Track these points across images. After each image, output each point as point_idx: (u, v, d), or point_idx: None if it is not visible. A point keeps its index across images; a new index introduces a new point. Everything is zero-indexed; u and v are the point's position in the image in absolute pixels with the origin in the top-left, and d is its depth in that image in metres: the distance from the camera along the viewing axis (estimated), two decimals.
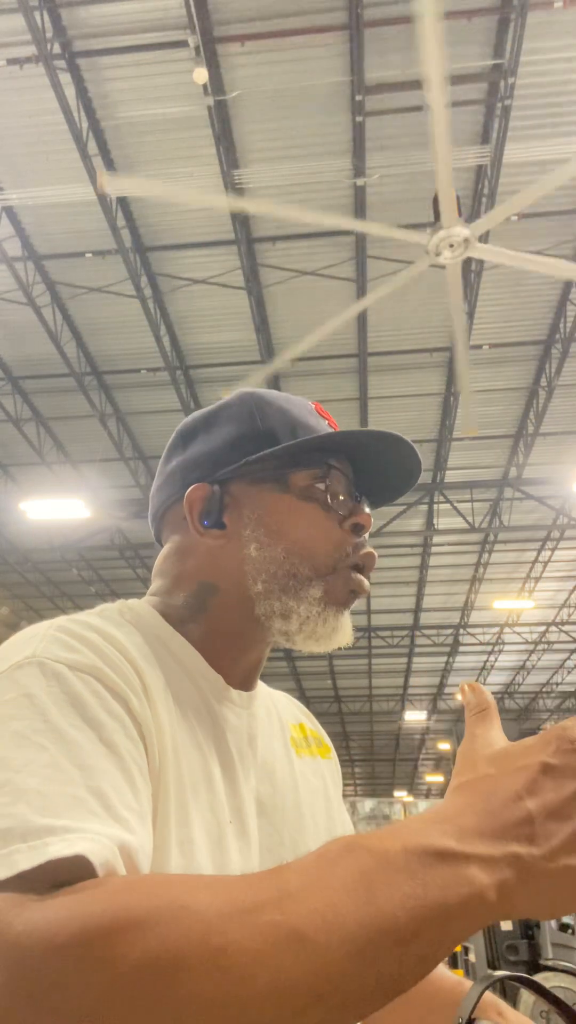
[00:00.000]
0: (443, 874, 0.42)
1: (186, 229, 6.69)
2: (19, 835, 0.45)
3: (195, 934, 0.40)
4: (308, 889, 0.42)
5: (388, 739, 22.27)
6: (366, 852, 0.43)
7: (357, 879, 0.42)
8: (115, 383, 8.60)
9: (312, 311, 7.48)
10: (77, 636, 0.62)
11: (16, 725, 0.53)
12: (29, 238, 6.79)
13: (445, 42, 5.16)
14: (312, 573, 0.73)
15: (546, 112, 5.64)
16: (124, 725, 0.58)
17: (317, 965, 0.39)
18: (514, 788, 0.45)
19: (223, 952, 0.40)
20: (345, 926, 0.40)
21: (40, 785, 0.49)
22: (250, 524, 0.75)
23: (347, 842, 0.45)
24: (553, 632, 15.17)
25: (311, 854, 0.45)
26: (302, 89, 5.50)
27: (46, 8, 5.02)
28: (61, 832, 0.46)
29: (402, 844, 0.43)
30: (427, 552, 12.12)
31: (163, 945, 0.40)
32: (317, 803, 0.81)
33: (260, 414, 0.78)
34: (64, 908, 0.42)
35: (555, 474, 9.35)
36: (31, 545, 11.54)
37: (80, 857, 0.45)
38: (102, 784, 0.51)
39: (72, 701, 0.56)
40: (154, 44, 5.22)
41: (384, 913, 0.40)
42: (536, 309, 7.52)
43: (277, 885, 0.43)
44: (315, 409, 0.82)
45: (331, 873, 0.42)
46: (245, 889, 0.43)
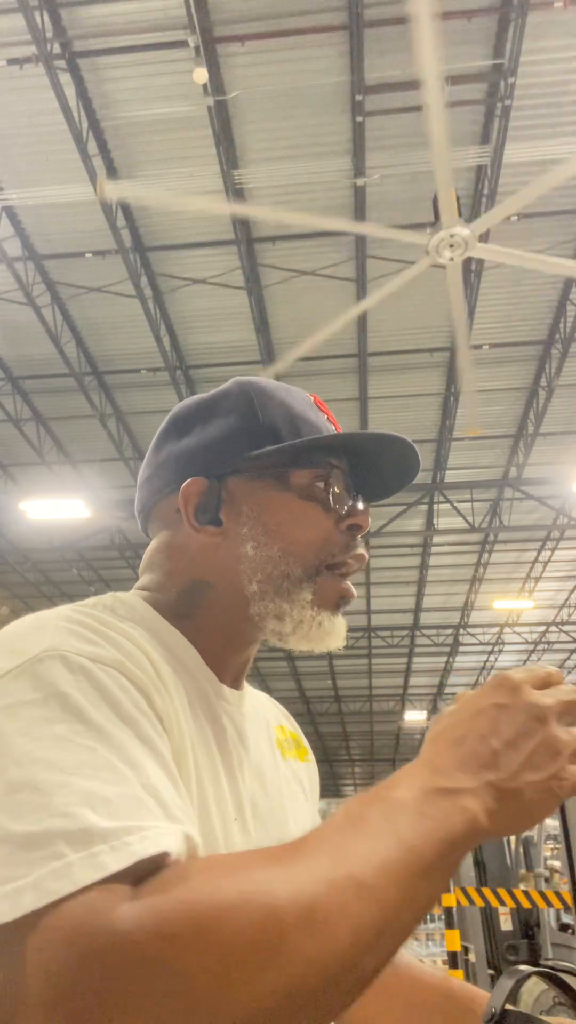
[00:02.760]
0: (445, 808, 0.50)
1: (186, 229, 6.69)
2: (98, 836, 0.45)
3: (285, 901, 0.44)
4: (354, 842, 0.48)
5: (388, 739, 22.27)
6: (385, 802, 0.50)
7: (386, 827, 0.48)
8: (115, 383, 8.60)
9: (312, 311, 7.48)
10: (92, 628, 0.61)
11: (58, 728, 0.51)
12: (29, 238, 6.79)
13: (445, 42, 5.18)
14: (303, 574, 0.72)
15: (546, 112, 5.64)
16: (151, 720, 0.57)
17: (378, 906, 0.45)
18: (478, 731, 0.54)
19: (312, 912, 0.43)
20: (391, 868, 0.46)
21: (100, 787, 0.48)
22: (248, 522, 0.73)
23: (365, 796, 0.52)
24: (553, 632, 15.17)
25: (338, 813, 0.51)
26: (302, 89, 5.50)
27: (46, 8, 5.02)
28: (137, 831, 0.46)
29: (409, 789, 0.51)
30: (427, 552, 12.12)
31: (263, 917, 0.43)
32: (299, 806, 0.81)
33: (261, 407, 0.75)
34: (166, 899, 0.43)
35: (555, 474, 9.35)
36: (31, 545, 11.53)
37: (165, 854, 0.46)
38: (153, 782, 0.51)
39: (104, 697, 0.55)
40: (154, 44, 5.22)
41: (414, 850, 0.47)
42: (536, 309, 7.52)
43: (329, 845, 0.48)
44: (314, 402, 0.80)
45: (365, 825, 0.49)
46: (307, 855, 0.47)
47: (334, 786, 27.53)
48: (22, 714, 0.52)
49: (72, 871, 0.43)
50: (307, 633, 0.73)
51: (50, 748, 0.50)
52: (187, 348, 8.07)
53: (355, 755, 24.50)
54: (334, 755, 23.76)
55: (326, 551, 0.73)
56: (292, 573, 0.72)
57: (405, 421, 8.99)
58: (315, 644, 0.74)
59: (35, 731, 0.51)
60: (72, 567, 12.42)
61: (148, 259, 6.99)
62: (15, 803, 0.47)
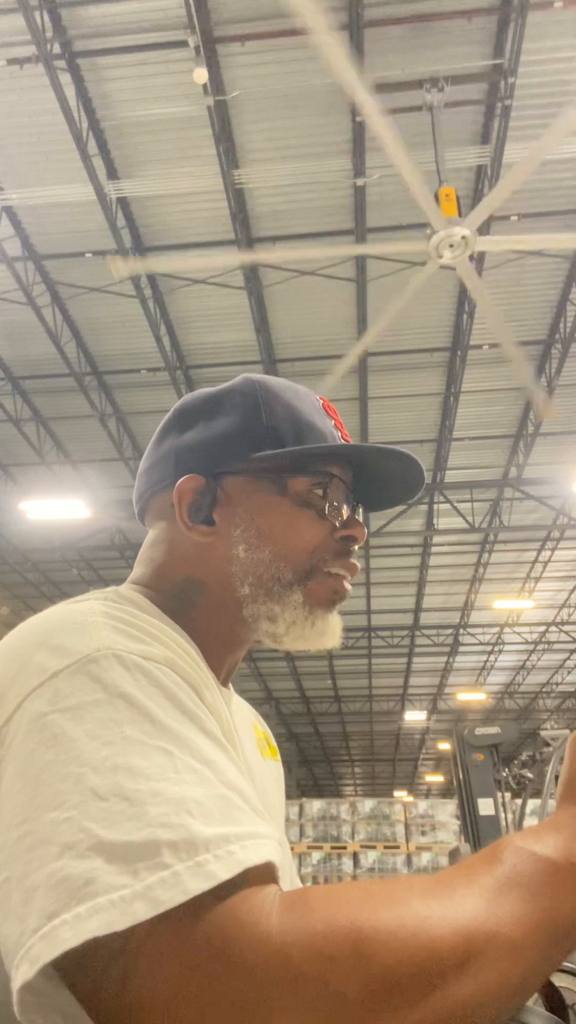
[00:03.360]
0: None
1: (186, 229, 6.69)
2: (201, 845, 0.45)
3: (447, 942, 0.44)
4: (509, 900, 0.47)
5: (388, 739, 22.25)
6: (541, 862, 0.49)
7: (540, 890, 0.48)
8: (115, 383, 8.60)
9: (312, 311, 7.49)
10: (135, 626, 0.60)
11: (128, 730, 0.50)
12: (29, 238, 6.79)
13: (445, 42, 5.19)
14: (294, 577, 0.72)
15: (546, 112, 5.63)
16: (208, 715, 0.57)
17: (522, 968, 0.46)
18: None
19: (470, 958, 0.44)
20: (539, 933, 0.47)
21: (189, 792, 0.48)
22: (242, 524, 0.72)
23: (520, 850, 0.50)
24: (553, 632, 15.17)
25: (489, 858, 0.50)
26: (302, 89, 5.50)
27: (46, 8, 5.02)
28: (236, 839, 0.46)
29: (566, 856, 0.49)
30: (427, 552, 12.11)
31: (425, 953, 0.43)
32: (276, 808, 0.81)
33: (267, 408, 0.74)
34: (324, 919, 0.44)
35: (555, 474, 9.36)
36: (31, 545, 11.54)
37: (268, 863, 0.47)
38: (230, 777, 0.51)
39: (166, 695, 0.54)
40: (154, 44, 5.22)
41: (561, 921, 0.47)
42: (536, 309, 7.52)
43: (483, 896, 0.47)
44: (323, 406, 0.79)
45: (520, 883, 0.48)
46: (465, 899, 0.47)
47: (334, 786, 27.53)
48: (86, 716, 0.50)
49: (182, 880, 0.43)
50: (301, 633, 0.72)
51: (127, 753, 0.49)
52: (187, 348, 8.07)
53: (355, 755, 24.49)
54: (334, 755, 23.76)
55: (317, 557, 0.73)
56: (282, 577, 0.72)
57: (405, 421, 8.99)
58: (310, 644, 0.73)
59: (105, 734, 0.49)
60: (72, 567, 12.42)
61: (148, 259, 6.99)
62: (103, 811, 0.46)
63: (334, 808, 10.02)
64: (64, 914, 0.42)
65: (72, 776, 0.47)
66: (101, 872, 0.43)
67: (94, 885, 0.42)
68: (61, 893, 0.43)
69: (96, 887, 0.42)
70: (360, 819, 9.77)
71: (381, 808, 10.17)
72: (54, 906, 0.42)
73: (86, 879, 0.43)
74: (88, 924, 0.41)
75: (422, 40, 5.18)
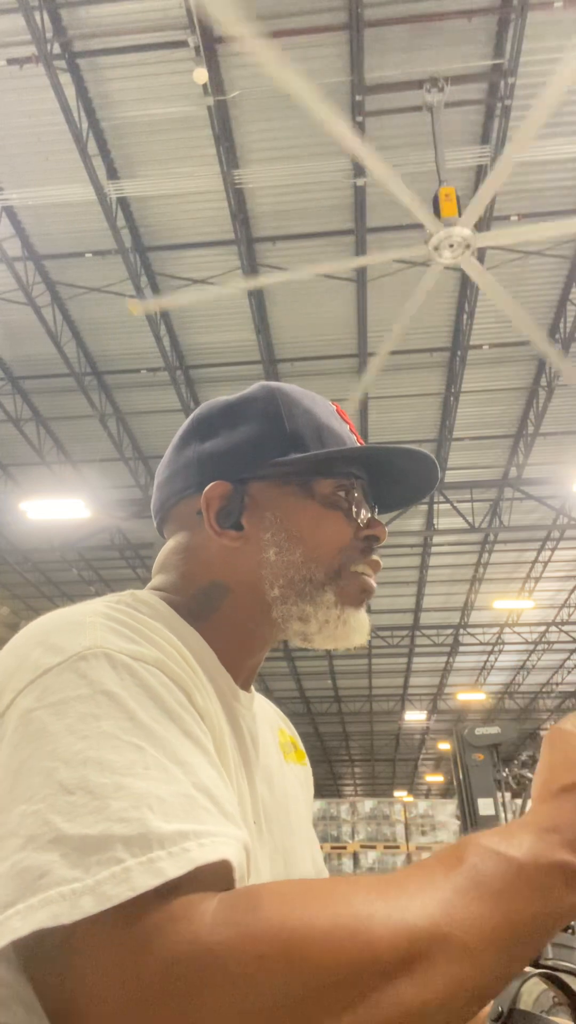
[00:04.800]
0: (563, 887, 0.47)
1: (186, 229, 6.69)
2: (156, 841, 0.45)
3: (388, 943, 0.43)
4: (465, 899, 0.46)
5: (388, 739, 22.26)
6: (504, 861, 0.47)
7: (501, 890, 0.46)
8: (115, 383, 8.60)
9: (312, 311, 7.49)
10: (131, 627, 0.61)
11: (105, 725, 0.51)
12: (29, 238, 6.79)
13: (445, 42, 5.19)
14: (325, 578, 0.73)
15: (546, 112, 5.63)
16: (195, 718, 0.58)
17: (478, 971, 0.44)
18: None
19: (413, 960, 0.43)
20: (497, 936, 0.45)
21: (154, 788, 0.48)
22: (271, 528, 0.74)
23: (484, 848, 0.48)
24: (553, 632, 15.18)
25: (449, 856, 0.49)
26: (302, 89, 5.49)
27: (46, 8, 5.02)
28: (194, 837, 0.46)
29: (531, 856, 0.48)
30: (427, 552, 12.12)
31: (362, 953, 0.42)
32: (302, 810, 0.82)
33: (288, 414, 0.76)
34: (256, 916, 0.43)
35: (555, 474, 9.35)
36: (31, 545, 11.54)
37: (224, 862, 0.47)
38: (203, 779, 0.51)
39: (149, 695, 0.55)
40: (154, 44, 5.22)
41: (523, 923, 0.46)
42: (536, 309, 7.51)
43: (438, 895, 0.46)
44: (336, 411, 0.82)
45: (479, 883, 0.46)
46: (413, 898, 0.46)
47: (334, 786, 27.52)
48: (68, 711, 0.51)
49: (131, 876, 0.43)
50: (333, 632, 0.74)
51: (99, 747, 0.49)
52: (187, 348, 8.07)
53: (355, 755, 24.49)
54: (334, 755, 23.76)
55: (345, 557, 0.75)
56: (314, 577, 0.73)
57: (405, 421, 8.99)
58: (340, 642, 0.75)
59: (82, 729, 0.50)
60: (72, 567, 12.42)
61: (148, 259, 6.99)
62: (69, 804, 0.46)
63: (334, 808, 10.02)
64: (19, 904, 0.43)
65: (45, 770, 0.48)
66: (56, 865, 0.44)
67: (48, 877, 0.43)
68: (18, 884, 0.44)
69: (49, 879, 0.43)
70: (360, 819, 9.77)
71: (381, 808, 10.18)
72: (10, 896, 0.43)
73: (42, 871, 0.44)
74: (38, 915, 0.42)
75: (422, 40, 5.18)
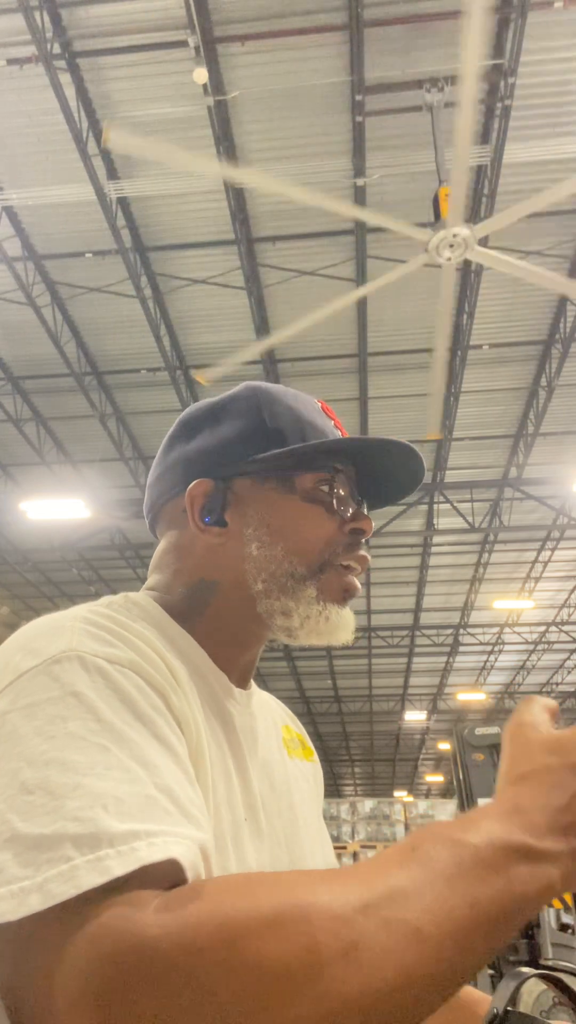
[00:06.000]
0: (524, 870, 0.46)
1: (186, 229, 6.69)
2: (106, 840, 0.45)
3: (328, 931, 0.42)
4: (416, 885, 0.44)
5: (388, 739, 22.26)
6: (459, 846, 0.46)
7: (456, 874, 0.45)
8: (115, 383, 8.60)
9: (312, 311, 7.47)
10: (108, 630, 0.61)
11: (72, 726, 0.51)
12: (29, 238, 6.79)
13: (445, 42, 5.19)
14: (307, 572, 0.73)
15: (546, 112, 5.64)
16: (167, 719, 0.58)
17: (431, 957, 0.43)
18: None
19: (356, 947, 0.41)
20: (454, 921, 0.43)
21: (113, 788, 0.48)
22: (253, 523, 0.74)
23: (437, 835, 0.47)
24: (553, 632, 15.17)
25: (404, 844, 0.48)
26: (302, 89, 5.50)
27: (46, 8, 5.02)
28: (145, 836, 0.46)
29: (488, 839, 0.46)
30: (427, 552, 12.12)
31: (301, 942, 0.41)
32: (308, 804, 0.82)
33: (269, 411, 0.77)
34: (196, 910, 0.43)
35: (555, 474, 9.35)
36: (31, 545, 11.53)
37: (173, 861, 0.46)
38: (167, 781, 0.52)
39: (120, 697, 0.55)
40: (154, 44, 5.22)
41: (480, 907, 0.44)
42: (536, 309, 7.52)
43: (386, 881, 0.45)
44: (321, 408, 0.81)
45: (432, 869, 0.45)
46: (359, 885, 0.45)
47: (334, 786, 27.52)
48: (38, 713, 0.52)
49: (77, 875, 0.44)
50: (315, 627, 0.74)
51: (64, 748, 0.50)
52: (187, 348, 8.07)
53: (355, 755, 24.49)
54: (334, 755, 23.75)
55: (329, 551, 0.75)
56: (296, 572, 0.73)
57: (405, 421, 8.98)
58: (324, 638, 0.75)
59: (49, 730, 0.51)
60: (72, 567, 12.42)
61: (148, 259, 6.99)
62: (27, 804, 0.47)
63: (334, 808, 10.03)
64: None
65: (11, 771, 0.49)
66: (9, 864, 0.45)
67: (1, 875, 0.44)
68: None
69: (2, 878, 0.44)
70: (360, 819, 9.78)
71: (381, 808, 10.19)
72: None
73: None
74: None
75: (422, 40, 5.18)
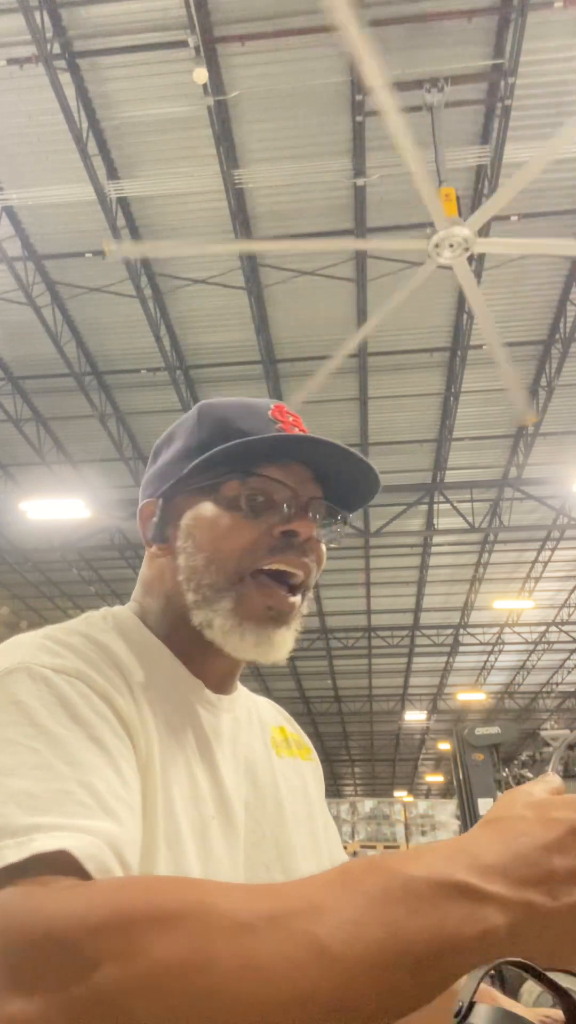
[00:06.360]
0: (462, 909, 0.42)
1: (186, 229, 6.69)
2: (9, 832, 0.49)
3: (227, 934, 0.42)
4: (334, 903, 0.43)
5: (388, 739, 22.26)
6: (391, 874, 0.44)
7: (382, 901, 0.43)
8: (115, 383, 8.60)
9: (312, 311, 7.48)
10: (62, 643, 0.66)
11: (8, 731, 0.56)
12: (29, 238, 6.79)
13: (445, 42, 5.19)
14: (224, 583, 0.73)
15: (546, 112, 5.64)
16: (111, 723, 0.62)
17: (338, 979, 0.40)
18: (545, 839, 0.45)
19: (254, 954, 0.41)
20: (367, 944, 0.41)
21: (30, 785, 0.52)
22: (182, 536, 0.77)
23: (373, 862, 0.45)
24: (553, 632, 15.18)
25: (335, 869, 0.46)
26: (302, 89, 5.50)
27: (46, 8, 5.02)
28: (47, 829, 0.49)
29: (427, 872, 0.44)
30: (427, 552, 12.12)
31: (195, 940, 0.42)
32: (298, 800, 0.84)
33: (200, 426, 0.79)
34: (95, 896, 0.45)
35: (555, 474, 9.35)
36: (31, 545, 11.54)
37: (64, 852, 0.48)
38: (91, 778, 0.55)
39: (60, 703, 0.60)
40: (154, 44, 5.22)
41: (404, 938, 0.41)
42: (536, 309, 7.52)
43: (304, 896, 0.44)
44: (272, 413, 0.79)
45: (356, 891, 0.43)
46: (273, 897, 0.44)
47: (334, 786, 27.52)
48: None
49: None
50: (236, 644, 0.73)
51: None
52: (187, 348, 8.07)
53: (355, 755, 24.50)
54: (334, 755, 23.76)
55: (249, 559, 0.73)
56: (215, 583, 0.74)
57: (405, 421, 8.99)
58: (248, 655, 0.74)
59: None
60: (72, 567, 12.42)
61: (148, 259, 6.99)
62: None
63: (334, 808, 10.03)
64: None
65: None
66: None
67: None
68: None
69: None
70: (360, 819, 9.78)
71: (381, 808, 10.19)
72: None
73: None
74: None
75: (422, 40, 5.18)
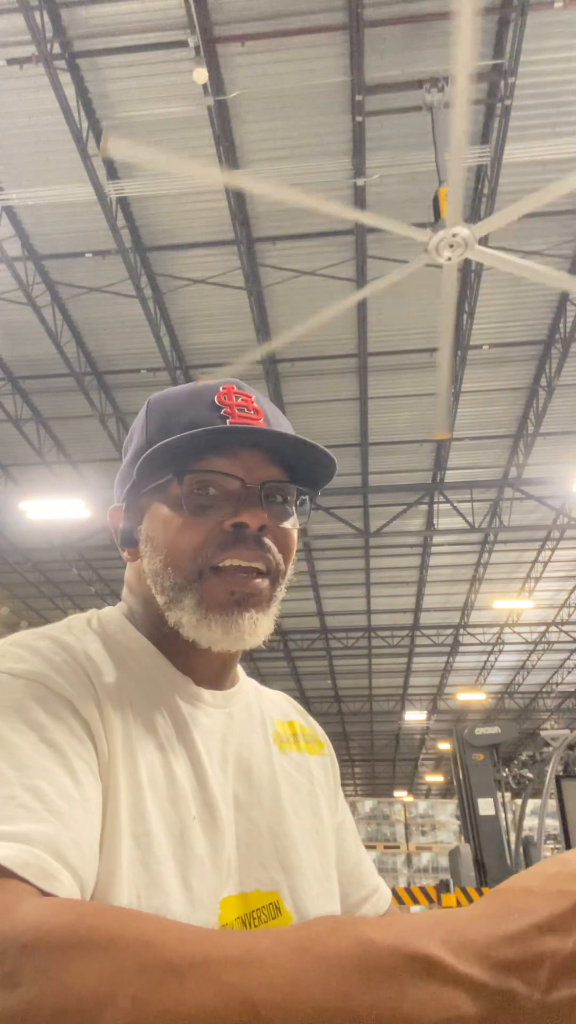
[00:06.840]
0: (426, 989, 0.37)
1: (186, 229, 6.69)
2: None
3: (149, 972, 0.40)
4: (276, 960, 0.39)
5: (388, 739, 22.27)
6: (353, 939, 0.39)
7: (334, 965, 0.38)
8: (115, 383, 8.60)
9: (312, 311, 7.47)
10: (27, 647, 0.67)
11: None
12: (29, 238, 6.79)
13: (445, 42, 5.19)
14: (184, 582, 0.72)
15: (546, 112, 5.64)
16: (69, 725, 0.62)
17: None
18: (543, 915, 0.39)
19: (169, 997, 0.39)
20: (302, 1010, 0.37)
21: None
22: (143, 539, 0.77)
23: (341, 923, 0.42)
24: (553, 632, 15.18)
25: (303, 925, 0.42)
26: (302, 89, 5.50)
27: (46, 8, 5.02)
28: None
29: (394, 941, 0.39)
30: (427, 552, 12.12)
31: (112, 974, 0.40)
32: (300, 798, 0.82)
33: (148, 422, 0.78)
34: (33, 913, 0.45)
35: (555, 474, 9.36)
36: (31, 545, 11.54)
37: None
38: (38, 781, 0.56)
39: (14, 707, 0.60)
40: (154, 44, 5.22)
41: (349, 1009, 0.37)
42: (536, 309, 7.52)
43: (246, 947, 0.40)
44: (218, 398, 0.76)
45: (309, 951, 0.39)
46: (214, 942, 0.42)
47: None
48: None
49: None
50: (206, 636, 0.72)
51: None
52: (187, 348, 8.08)
53: (355, 755, 24.50)
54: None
55: (202, 558, 0.72)
56: (176, 582, 0.73)
57: (405, 421, 8.98)
58: (220, 644, 0.73)
59: None
60: (72, 567, 12.42)
61: (148, 259, 6.99)
62: None
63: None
64: None
65: None
66: None
67: None
68: None
69: None
70: (360, 819, 9.77)
71: (381, 808, 10.18)
72: None
73: None
74: None
75: (422, 40, 5.18)
